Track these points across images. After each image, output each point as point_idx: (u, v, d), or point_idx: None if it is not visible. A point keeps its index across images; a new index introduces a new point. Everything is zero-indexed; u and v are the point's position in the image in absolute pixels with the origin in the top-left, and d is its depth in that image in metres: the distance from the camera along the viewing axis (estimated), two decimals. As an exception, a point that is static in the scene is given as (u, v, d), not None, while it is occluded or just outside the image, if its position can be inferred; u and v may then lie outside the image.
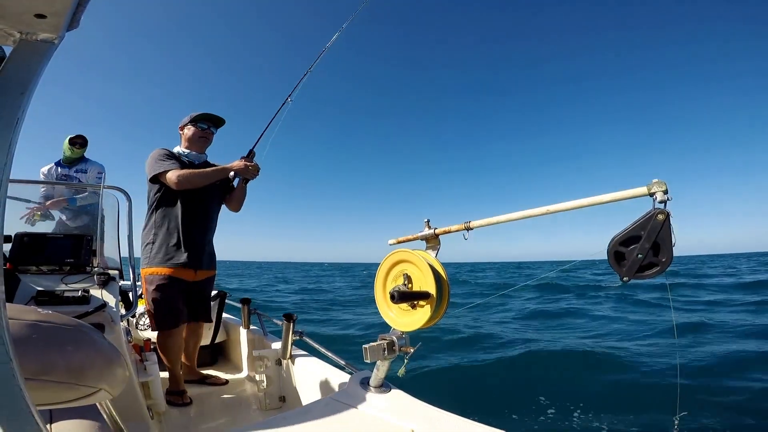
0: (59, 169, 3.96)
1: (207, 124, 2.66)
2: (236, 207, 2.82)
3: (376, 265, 1.40)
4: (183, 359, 2.73)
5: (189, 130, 2.63)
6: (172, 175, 2.39)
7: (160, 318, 2.45)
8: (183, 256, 2.48)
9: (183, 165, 2.52)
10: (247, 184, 2.79)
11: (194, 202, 2.54)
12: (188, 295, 2.59)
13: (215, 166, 2.65)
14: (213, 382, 2.80)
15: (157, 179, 2.47)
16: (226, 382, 2.81)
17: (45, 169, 3.97)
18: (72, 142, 3.82)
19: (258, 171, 2.69)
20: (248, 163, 2.64)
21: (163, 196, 2.52)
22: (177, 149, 2.64)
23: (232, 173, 2.67)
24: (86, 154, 4.05)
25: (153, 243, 2.49)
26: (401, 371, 1.46)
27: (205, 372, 2.90)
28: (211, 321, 2.88)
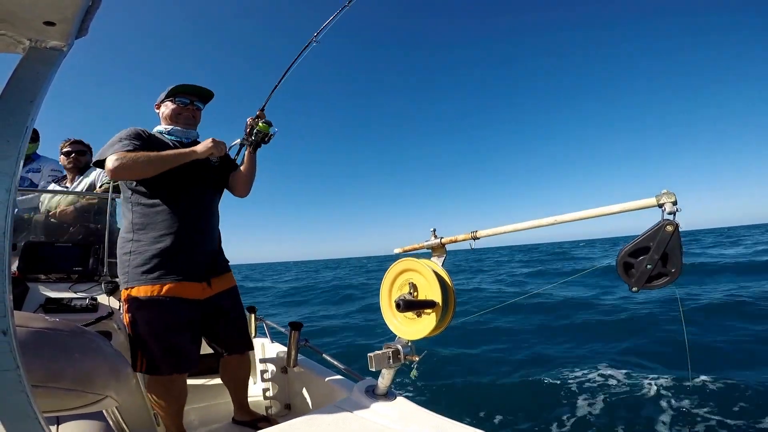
0: None
1: (189, 98, 2.06)
2: (243, 189, 2.17)
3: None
4: (234, 397, 2.21)
5: (166, 108, 2.05)
6: (111, 158, 1.73)
7: (144, 358, 1.78)
8: (183, 266, 1.85)
9: (162, 147, 1.91)
10: (256, 152, 2.14)
11: (187, 192, 1.94)
12: (204, 320, 1.94)
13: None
14: (264, 427, 2.03)
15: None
16: None
17: None
18: None
19: (225, 148, 1.96)
20: (216, 141, 1.90)
21: (143, 189, 1.89)
22: (156, 129, 2.05)
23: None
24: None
25: (132, 252, 1.82)
26: (413, 373, 1.46)
27: (258, 412, 2.23)
28: (252, 348, 2.17)
